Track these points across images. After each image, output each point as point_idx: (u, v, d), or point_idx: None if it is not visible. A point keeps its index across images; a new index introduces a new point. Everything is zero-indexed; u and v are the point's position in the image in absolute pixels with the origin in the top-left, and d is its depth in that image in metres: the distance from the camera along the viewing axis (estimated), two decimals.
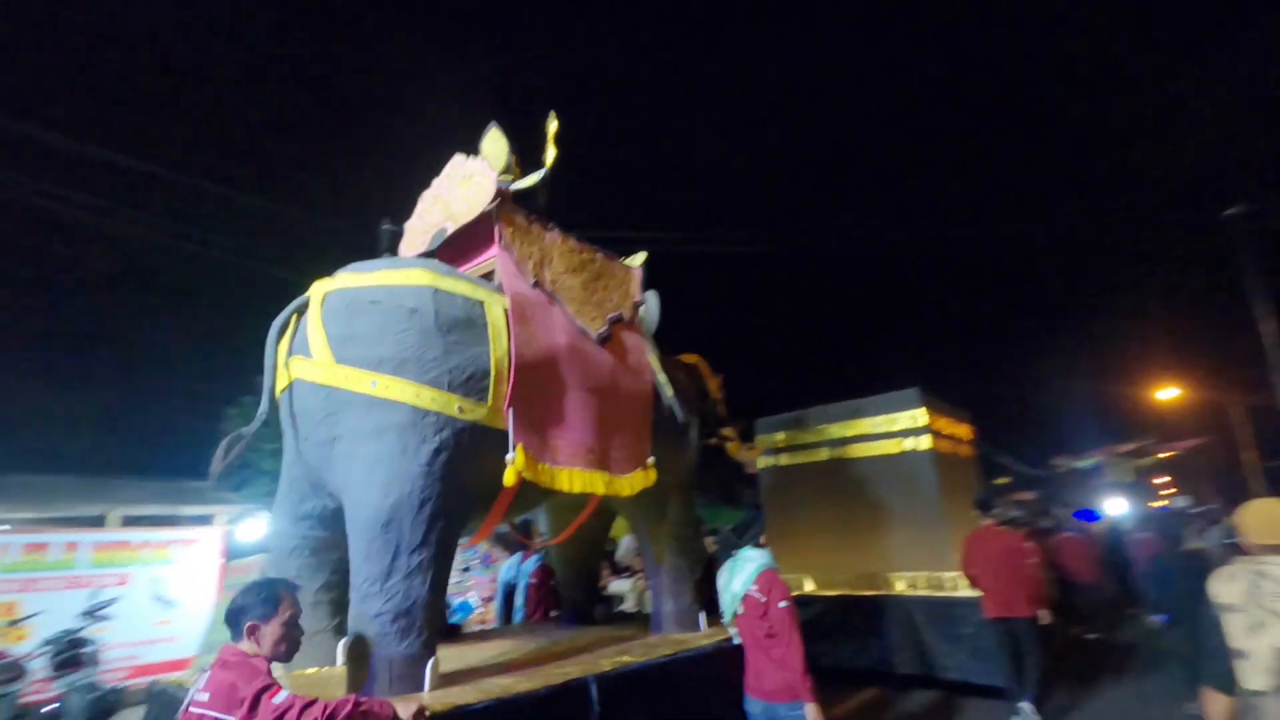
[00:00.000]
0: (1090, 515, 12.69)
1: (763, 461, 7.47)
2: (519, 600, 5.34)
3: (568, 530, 3.99)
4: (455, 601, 7.17)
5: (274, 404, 2.81)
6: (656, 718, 3.01)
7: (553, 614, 5.19)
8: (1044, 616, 5.19)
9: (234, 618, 2.06)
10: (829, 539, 6.72)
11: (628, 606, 6.40)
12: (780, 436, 7.54)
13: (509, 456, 2.81)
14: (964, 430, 8.13)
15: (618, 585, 6.84)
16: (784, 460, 7.43)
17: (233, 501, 9.33)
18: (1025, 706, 4.99)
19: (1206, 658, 2.21)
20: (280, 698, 1.88)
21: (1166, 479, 24.33)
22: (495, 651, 3.39)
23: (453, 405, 2.67)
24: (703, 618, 3.96)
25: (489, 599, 7.46)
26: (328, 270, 3.01)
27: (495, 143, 3.78)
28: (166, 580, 6.61)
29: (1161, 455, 18.51)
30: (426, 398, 2.61)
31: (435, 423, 2.61)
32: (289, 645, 2.09)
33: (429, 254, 3.59)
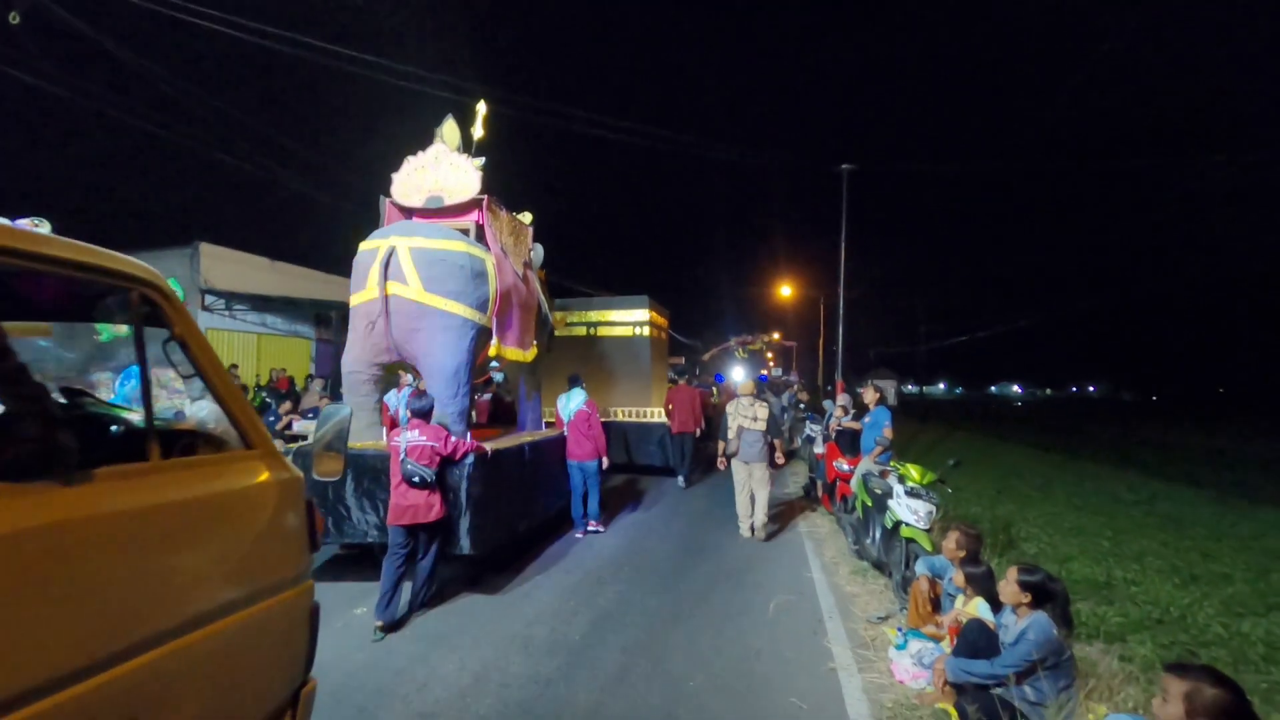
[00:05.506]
0: (720, 378, 19.09)
1: None
2: (403, 415, 7.99)
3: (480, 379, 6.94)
4: None
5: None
6: (542, 461, 6.43)
7: None
8: (698, 432, 9.89)
9: (419, 410, 4.78)
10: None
11: None
12: (556, 316, 10.91)
13: (493, 342, 5.71)
14: (665, 322, 12.66)
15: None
16: (557, 333, 10.82)
17: None
18: (681, 478, 9.72)
19: (722, 430, 6.62)
20: (454, 438, 4.78)
21: (771, 357, 34.22)
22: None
23: (476, 316, 5.43)
24: (544, 422, 7.42)
25: None
26: None
27: (452, 130, 6.15)
28: None
29: (767, 342, 26.64)
30: (470, 313, 5.33)
31: (472, 326, 5.37)
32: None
33: (424, 209, 5.90)
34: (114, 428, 1.97)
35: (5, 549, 1.19)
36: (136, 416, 2.09)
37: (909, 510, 4.80)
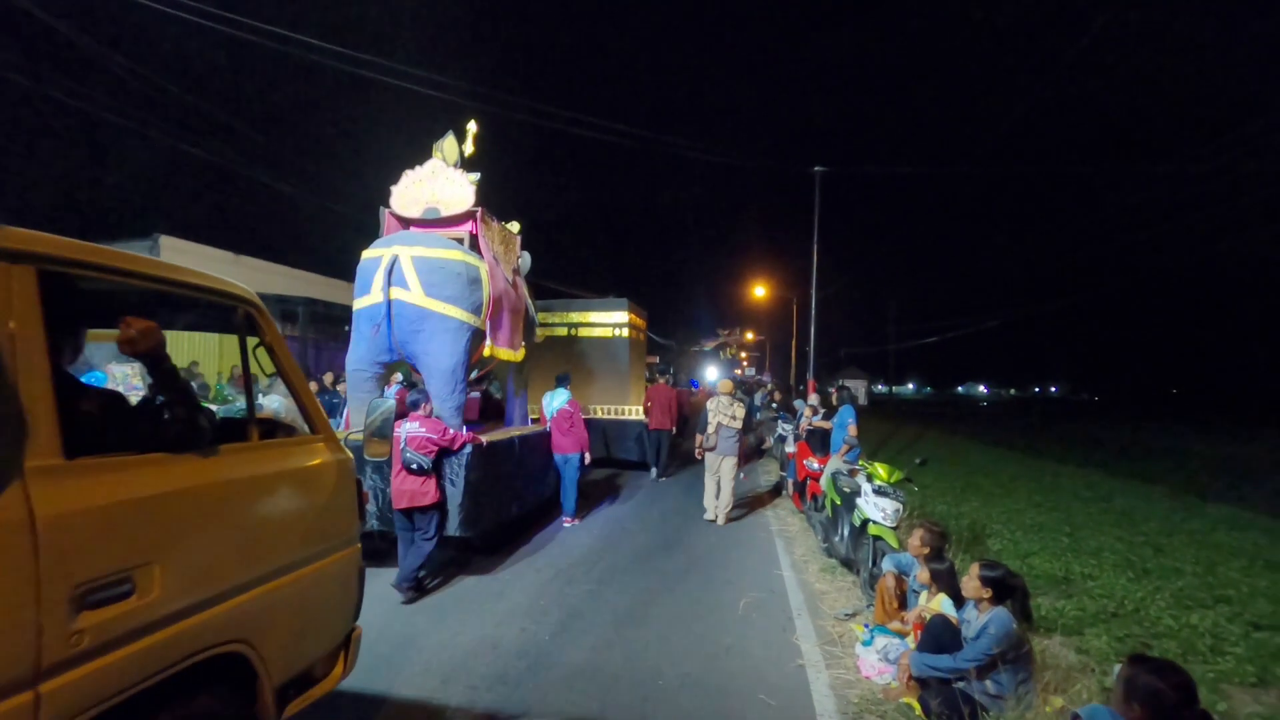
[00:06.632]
0: (695, 384, 19.42)
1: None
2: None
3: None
4: None
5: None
6: (530, 454, 6.61)
7: None
8: (673, 429, 10.17)
9: (414, 404, 4.93)
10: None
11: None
12: (538, 316, 11.07)
13: (487, 343, 5.88)
14: (643, 323, 12.90)
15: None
16: (539, 333, 11.00)
17: None
18: (654, 472, 9.99)
19: (701, 424, 7.00)
20: (452, 431, 4.95)
21: (745, 357, 34.68)
22: None
23: (471, 319, 5.59)
24: (529, 419, 7.61)
25: None
26: None
27: (451, 146, 6.30)
28: None
29: (742, 342, 27.07)
30: (466, 316, 5.50)
31: (468, 328, 5.54)
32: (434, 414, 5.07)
33: (422, 219, 6.04)
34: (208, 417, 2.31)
35: (169, 503, 1.62)
36: (216, 407, 2.41)
37: (876, 508, 4.87)
